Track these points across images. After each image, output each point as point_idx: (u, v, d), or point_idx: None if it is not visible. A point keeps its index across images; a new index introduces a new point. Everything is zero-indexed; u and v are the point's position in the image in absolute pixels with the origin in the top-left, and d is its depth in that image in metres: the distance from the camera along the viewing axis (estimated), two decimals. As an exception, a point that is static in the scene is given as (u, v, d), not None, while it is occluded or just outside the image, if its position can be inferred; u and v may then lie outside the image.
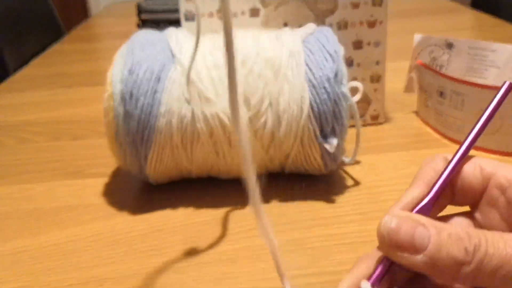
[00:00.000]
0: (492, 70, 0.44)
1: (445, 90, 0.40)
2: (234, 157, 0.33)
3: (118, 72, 0.32)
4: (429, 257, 0.15)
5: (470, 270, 0.15)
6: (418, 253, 0.15)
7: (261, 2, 0.40)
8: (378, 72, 0.44)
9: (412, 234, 0.15)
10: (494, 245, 0.15)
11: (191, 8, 0.40)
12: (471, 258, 0.15)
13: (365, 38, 0.42)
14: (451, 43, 0.45)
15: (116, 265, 0.29)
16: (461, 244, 0.15)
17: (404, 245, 0.15)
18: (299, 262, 0.28)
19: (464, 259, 0.15)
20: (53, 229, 0.32)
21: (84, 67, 0.72)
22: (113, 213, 0.34)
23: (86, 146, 0.45)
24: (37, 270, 0.29)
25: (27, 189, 0.38)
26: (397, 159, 0.39)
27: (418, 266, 0.15)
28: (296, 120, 0.32)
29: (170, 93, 0.31)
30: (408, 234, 0.15)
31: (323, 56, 0.32)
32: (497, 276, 0.15)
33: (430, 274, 0.16)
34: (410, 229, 0.16)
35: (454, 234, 0.15)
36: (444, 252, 0.15)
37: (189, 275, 0.28)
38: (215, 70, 0.32)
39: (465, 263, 0.15)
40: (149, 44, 0.33)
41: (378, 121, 0.45)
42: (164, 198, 0.35)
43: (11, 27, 0.90)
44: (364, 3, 0.41)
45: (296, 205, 0.33)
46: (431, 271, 0.15)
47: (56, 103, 0.57)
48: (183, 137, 0.32)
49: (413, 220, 0.16)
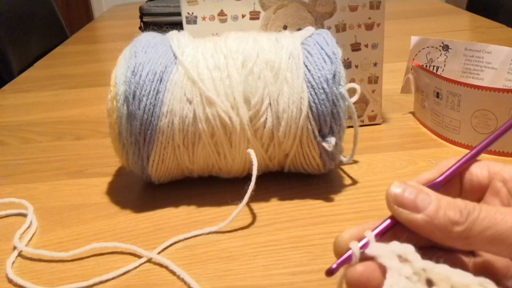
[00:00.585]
0: (488, 71, 0.45)
1: (441, 91, 0.41)
2: (235, 157, 0.34)
3: (122, 73, 0.33)
4: (428, 215, 0.17)
5: (462, 230, 0.16)
6: (418, 212, 0.17)
7: (261, 5, 0.41)
8: (375, 74, 0.44)
9: (415, 196, 0.17)
10: (486, 211, 0.17)
11: (193, 11, 0.41)
12: (465, 219, 0.16)
13: (363, 40, 0.43)
14: (447, 45, 0.46)
15: (118, 264, 0.29)
16: (457, 208, 0.17)
17: (407, 203, 0.17)
18: (298, 259, 0.29)
19: (458, 219, 0.17)
20: (56, 228, 0.33)
21: (87, 69, 0.72)
22: (115, 212, 0.35)
23: (89, 146, 0.46)
24: (39, 268, 0.29)
25: (31, 188, 0.39)
26: (394, 159, 0.39)
27: (417, 224, 0.17)
28: (295, 120, 0.32)
29: (172, 94, 0.32)
30: (412, 194, 0.17)
31: (321, 58, 0.33)
32: (485, 235, 0.16)
33: (426, 233, 0.17)
34: (414, 192, 0.18)
35: (452, 201, 0.17)
36: (441, 213, 0.17)
37: (191, 272, 0.28)
38: (216, 71, 0.32)
39: (458, 223, 0.16)
40: (151, 46, 0.34)
41: (376, 121, 0.46)
42: (166, 197, 0.36)
43: (15, 30, 0.91)
44: (362, 5, 0.42)
45: (295, 204, 0.34)
46: (428, 229, 0.17)
47: (59, 104, 0.58)
48: (185, 137, 0.33)
49: (418, 187, 0.18)
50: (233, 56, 0.33)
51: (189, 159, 0.34)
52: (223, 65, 0.33)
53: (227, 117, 0.32)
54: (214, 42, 0.34)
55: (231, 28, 0.40)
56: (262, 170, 0.36)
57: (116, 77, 0.33)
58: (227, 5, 0.41)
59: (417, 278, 0.16)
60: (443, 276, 0.16)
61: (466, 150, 0.40)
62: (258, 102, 0.32)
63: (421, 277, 0.16)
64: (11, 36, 0.89)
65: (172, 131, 0.32)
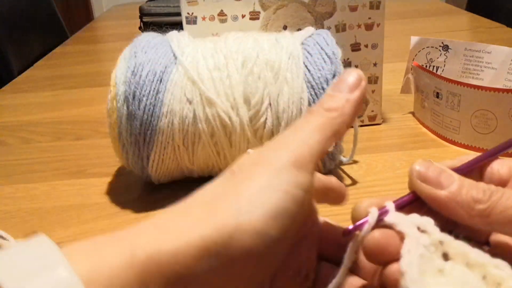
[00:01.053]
0: (488, 71, 0.45)
1: (441, 91, 0.41)
2: (235, 157, 0.34)
3: (122, 73, 0.33)
4: (451, 192, 0.17)
5: (484, 208, 0.17)
6: (442, 188, 0.17)
7: (261, 5, 0.41)
8: (375, 74, 0.44)
9: (439, 174, 0.18)
10: (509, 194, 0.17)
11: (193, 11, 0.41)
12: (487, 198, 0.17)
13: (363, 40, 0.43)
14: (447, 45, 0.46)
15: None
16: (480, 188, 0.17)
17: (431, 179, 0.18)
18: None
19: (481, 198, 0.17)
20: (56, 228, 0.33)
21: (87, 69, 0.72)
22: (115, 212, 0.35)
23: (88, 146, 0.46)
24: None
25: (31, 188, 0.39)
26: (394, 159, 0.39)
27: (440, 199, 0.17)
28: (295, 120, 0.32)
29: (172, 94, 0.32)
30: (435, 172, 0.18)
31: (321, 58, 0.33)
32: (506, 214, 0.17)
33: (448, 210, 0.17)
34: (438, 170, 0.18)
35: (475, 183, 0.18)
36: (465, 191, 0.17)
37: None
38: (216, 72, 0.33)
39: (481, 201, 0.17)
40: (151, 46, 0.34)
41: (376, 121, 0.46)
42: (166, 197, 0.36)
43: (15, 30, 0.91)
44: (362, 6, 0.42)
45: (295, 204, 0.34)
46: (450, 206, 0.17)
47: (59, 104, 0.58)
48: (185, 137, 0.33)
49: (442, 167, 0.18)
50: (233, 56, 0.33)
51: (189, 159, 0.34)
52: (223, 65, 0.33)
53: (227, 117, 0.32)
54: (214, 42, 0.34)
55: (231, 28, 0.40)
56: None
57: (116, 77, 0.33)
58: (227, 5, 0.41)
59: (434, 249, 0.16)
60: (460, 251, 0.16)
61: (466, 150, 0.40)
62: (258, 102, 0.32)
63: (437, 249, 0.16)
64: (11, 36, 0.89)
65: (172, 131, 0.32)
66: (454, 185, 0.17)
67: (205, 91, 0.32)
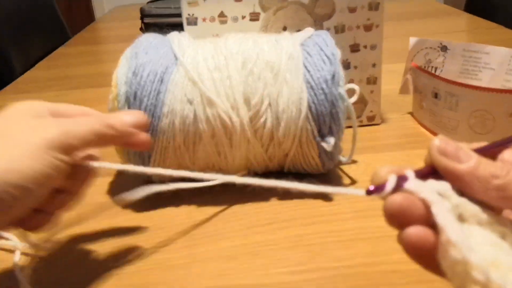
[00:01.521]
0: (486, 72, 0.45)
1: (439, 91, 0.41)
2: (235, 157, 0.34)
3: (123, 74, 0.33)
4: (470, 167, 0.18)
5: (501, 183, 0.17)
6: (461, 163, 0.18)
7: (261, 7, 0.42)
8: (374, 74, 0.45)
9: (458, 150, 0.18)
10: None
11: (193, 12, 0.41)
12: (505, 174, 0.18)
13: (361, 41, 0.43)
14: (445, 46, 0.46)
15: (119, 262, 0.30)
16: (498, 165, 0.18)
17: (451, 153, 0.18)
18: (297, 258, 0.29)
19: (499, 174, 0.18)
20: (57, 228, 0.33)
21: (88, 69, 0.73)
22: (116, 211, 0.35)
23: (90, 147, 0.46)
24: (41, 268, 0.30)
25: (33, 188, 0.39)
26: (393, 158, 0.40)
27: (459, 172, 0.18)
28: (295, 121, 0.33)
29: (173, 94, 0.32)
30: (454, 148, 0.18)
31: (321, 59, 0.33)
32: None
33: (466, 183, 0.18)
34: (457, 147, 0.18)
35: (492, 162, 0.18)
36: (482, 167, 0.18)
37: (191, 272, 0.28)
38: (217, 72, 0.33)
39: (498, 176, 0.18)
40: (152, 47, 0.34)
41: (374, 121, 0.46)
42: (167, 196, 0.36)
43: (17, 31, 0.91)
44: (361, 7, 0.42)
45: (294, 203, 0.34)
46: (468, 179, 0.18)
47: (60, 105, 0.58)
48: (186, 137, 0.33)
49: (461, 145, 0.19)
50: (233, 57, 0.33)
51: (190, 159, 0.34)
52: (224, 66, 0.33)
53: (228, 117, 0.32)
54: (215, 43, 0.35)
55: (231, 29, 0.41)
56: (262, 170, 0.36)
57: (117, 77, 0.33)
58: (227, 7, 0.41)
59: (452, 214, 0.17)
60: (473, 212, 0.17)
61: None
62: (258, 103, 0.33)
63: (455, 213, 0.17)
64: (13, 37, 0.89)
65: (173, 131, 0.33)
66: (473, 161, 0.18)
67: (206, 92, 0.32)
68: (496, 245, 0.17)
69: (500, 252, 0.16)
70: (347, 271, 0.27)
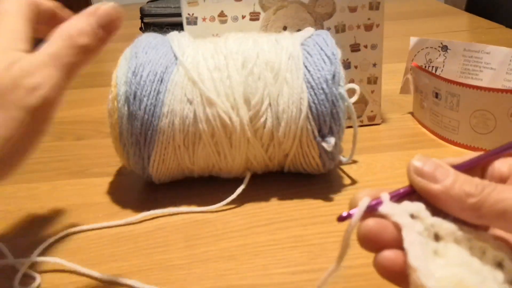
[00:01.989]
0: (486, 72, 0.45)
1: (440, 91, 0.41)
2: (235, 157, 0.34)
3: (122, 74, 0.33)
4: (445, 187, 0.18)
5: (475, 202, 0.17)
6: (436, 183, 0.18)
7: (261, 6, 0.41)
8: (375, 74, 0.45)
9: (435, 169, 0.19)
10: (500, 188, 0.18)
11: (193, 12, 0.41)
12: (479, 192, 0.18)
13: (362, 41, 0.43)
14: (446, 46, 0.46)
15: (119, 263, 0.29)
16: (473, 183, 0.18)
17: (426, 173, 0.18)
18: (297, 259, 0.29)
19: (473, 192, 0.18)
20: (57, 228, 0.33)
21: (87, 69, 0.72)
22: (116, 211, 0.35)
23: (89, 146, 0.46)
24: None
25: (32, 188, 0.39)
26: (393, 159, 0.40)
27: (433, 193, 0.18)
28: (295, 121, 0.33)
29: (172, 94, 0.32)
30: (432, 167, 0.19)
31: (321, 59, 0.33)
32: (495, 208, 0.17)
33: (442, 202, 0.18)
34: (434, 165, 0.19)
35: (470, 178, 0.18)
36: (458, 185, 0.18)
37: (191, 272, 0.28)
38: (217, 72, 0.33)
39: (473, 195, 0.18)
40: (152, 47, 0.34)
41: (375, 121, 0.46)
42: (167, 196, 0.36)
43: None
44: (361, 6, 0.42)
45: (295, 203, 0.34)
46: (443, 199, 0.18)
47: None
48: (185, 137, 0.33)
49: (439, 162, 0.19)
50: (233, 57, 0.33)
51: (190, 159, 0.34)
52: (224, 65, 0.33)
53: (227, 117, 0.32)
54: (215, 43, 0.35)
55: (231, 29, 0.41)
56: (262, 170, 0.36)
57: (117, 77, 0.33)
58: (227, 6, 0.41)
59: (427, 233, 0.17)
60: (449, 230, 0.17)
61: (465, 150, 0.40)
62: (258, 103, 0.32)
63: (430, 233, 0.18)
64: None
65: (172, 131, 0.32)
66: (448, 180, 0.18)
67: (206, 92, 0.32)
68: (466, 265, 0.17)
69: (467, 272, 0.17)
70: (348, 271, 0.27)
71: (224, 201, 0.34)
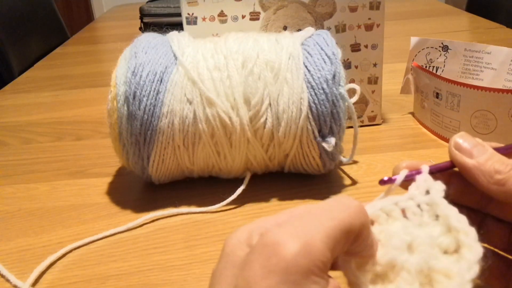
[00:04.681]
0: (487, 72, 0.45)
1: (441, 91, 0.41)
2: (235, 157, 0.34)
3: (122, 74, 0.33)
4: (478, 162, 0.20)
5: (501, 178, 0.20)
6: (471, 158, 0.20)
7: (261, 6, 0.41)
8: (375, 74, 0.44)
9: (473, 146, 0.21)
10: None
11: (193, 11, 0.41)
12: (507, 171, 0.20)
13: (362, 40, 0.43)
14: (447, 45, 0.46)
15: (119, 263, 0.29)
16: (504, 163, 0.20)
17: (464, 149, 0.21)
18: (297, 259, 0.29)
19: (502, 170, 0.20)
20: (57, 228, 0.33)
21: (87, 69, 0.72)
22: (116, 212, 0.35)
23: (89, 146, 0.46)
24: (41, 268, 0.29)
25: (31, 188, 0.39)
26: (394, 159, 0.39)
27: (467, 167, 0.21)
28: (295, 121, 0.32)
29: (172, 94, 0.32)
30: (470, 144, 0.21)
31: (321, 59, 0.33)
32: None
33: (473, 176, 0.20)
34: (473, 143, 0.21)
35: (503, 158, 0.20)
36: (490, 163, 0.20)
37: (191, 273, 0.28)
38: (217, 72, 0.33)
39: (500, 172, 0.20)
40: (151, 47, 0.34)
41: (376, 122, 0.46)
42: (166, 197, 0.36)
43: (16, 30, 0.91)
44: (362, 6, 0.42)
45: (295, 204, 0.34)
46: (474, 173, 0.20)
47: (60, 104, 0.58)
48: (185, 137, 0.33)
49: (478, 141, 0.21)
50: (233, 57, 0.33)
51: (189, 159, 0.34)
52: (223, 65, 0.33)
53: (227, 117, 0.32)
54: (214, 43, 0.35)
55: (231, 29, 0.40)
56: (262, 170, 0.36)
57: (116, 77, 0.33)
58: (227, 6, 0.41)
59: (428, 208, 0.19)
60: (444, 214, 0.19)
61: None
62: (258, 103, 0.32)
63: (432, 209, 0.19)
64: (12, 36, 0.89)
65: (172, 131, 0.32)
66: (483, 157, 0.20)
67: (205, 91, 0.32)
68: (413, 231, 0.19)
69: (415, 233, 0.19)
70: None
71: (224, 202, 0.34)
